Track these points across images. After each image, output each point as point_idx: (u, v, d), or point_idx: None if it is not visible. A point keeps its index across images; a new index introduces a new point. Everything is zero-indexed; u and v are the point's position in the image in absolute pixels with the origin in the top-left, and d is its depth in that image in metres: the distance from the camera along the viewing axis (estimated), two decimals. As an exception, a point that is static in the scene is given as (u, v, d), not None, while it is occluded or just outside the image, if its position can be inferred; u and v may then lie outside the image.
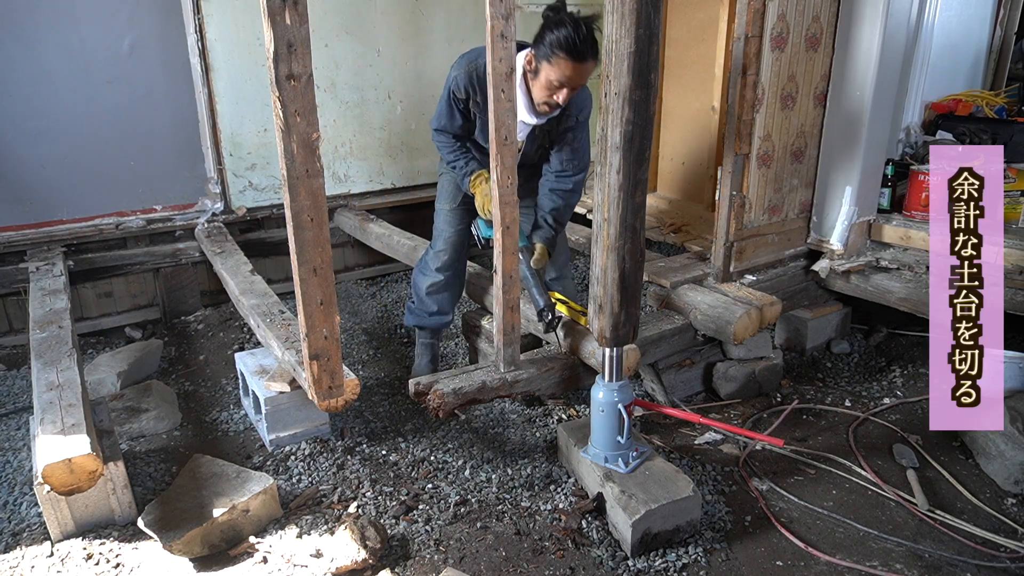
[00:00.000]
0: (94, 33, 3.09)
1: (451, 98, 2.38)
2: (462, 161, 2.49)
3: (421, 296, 2.76)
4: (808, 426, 2.58)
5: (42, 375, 2.15)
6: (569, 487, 2.21)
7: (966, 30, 3.62)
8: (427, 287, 2.73)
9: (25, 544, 1.98)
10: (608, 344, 1.99)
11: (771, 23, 2.50)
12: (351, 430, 2.54)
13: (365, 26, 3.65)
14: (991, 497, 2.19)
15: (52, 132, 3.11)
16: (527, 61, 2.23)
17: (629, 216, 1.84)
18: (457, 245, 2.69)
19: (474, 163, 2.50)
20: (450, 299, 2.78)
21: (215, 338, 3.33)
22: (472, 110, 2.40)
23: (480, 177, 2.46)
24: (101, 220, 3.32)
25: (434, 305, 2.75)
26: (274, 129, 1.68)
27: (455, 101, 2.38)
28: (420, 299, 2.77)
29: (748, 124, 2.58)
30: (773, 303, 2.57)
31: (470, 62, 2.31)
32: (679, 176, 3.82)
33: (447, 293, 2.75)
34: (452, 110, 2.41)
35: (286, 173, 1.68)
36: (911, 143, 3.39)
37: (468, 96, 2.35)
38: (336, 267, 3.69)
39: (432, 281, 2.71)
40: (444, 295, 2.75)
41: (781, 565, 1.93)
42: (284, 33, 1.56)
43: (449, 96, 2.39)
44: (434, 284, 2.71)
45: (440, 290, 2.73)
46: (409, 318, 2.85)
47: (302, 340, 1.88)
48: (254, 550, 1.95)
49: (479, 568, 1.90)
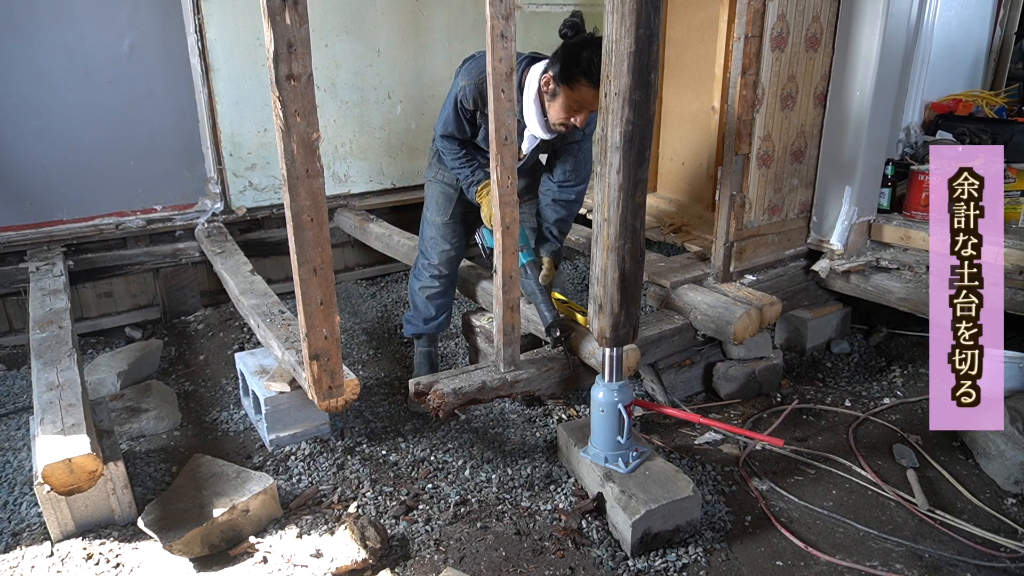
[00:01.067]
0: (94, 33, 3.09)
1: (459, 108, 2.34)
2: (468, 170, 2.45)
3: (418, 303, 2.76)
4: (808, 426, 2.58)
5: (42, 375, 2.15)
6: (569, 487, 2.21)
7: (966, 30, 3.62)
8: (425, 293, 2.73)
9: (25, 544, 1.98)
10: (608, 344, 1.99)
11: (771, 23, 2.49)
12: (351, 430, 2.54)
13: (365, 26, 3.65)
14: (991, 497, 2.19)
15: (52, 132, 3.11)
16: (544, 82, 2.21)
17: (629, 216, 1.84)
18: (455, 260, 2.68)
19: (481, 172, 2.45)
20: (447, 304, 2.79)
21: (215, 338, 3.33)
22: (479, 122, 2.38)
23: (487, 188, 2.41)
24: (101, 220, 3.32)
25: (432, 310, 2.75)
26: (274, 129, 1.68)
27: (462, 111, 2.35)
28: (417, 306, 2.77)
29: (748, 124, 2.58)
30: (773, 303, 2.57)
31: (480, 72, 2.23)
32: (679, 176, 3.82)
33: (444, 299, 2.76)
34: (459, 119, 2.37)
35: (286, 173, 1.68)
36: (911, 143, 3.39)
37: (476, 107, 2.32)
38: (336, 267, 3.70)
39: (428, 285, 2.71)
40: (441, 300, 2.76)
41: (781, 565, 1.93)
42: (284, 33, 1.56)
43: (456, 105, 2.35)
44: (431, 289, 2.71)
45: (437, 295, 2.73)
46: (408, 328, 2.85)
47: (302, 340, 1.88)
48: (254, 550, 1.95)
49: (479, 568, 1.90)
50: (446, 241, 2.63)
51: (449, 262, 2.66)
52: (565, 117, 2.22)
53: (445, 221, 2.62)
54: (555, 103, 2.22)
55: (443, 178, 2.62)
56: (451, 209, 2.61)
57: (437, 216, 2.64)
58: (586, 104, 2.17)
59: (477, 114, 2.35)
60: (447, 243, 2.63)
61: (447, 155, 2.48)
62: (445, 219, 2.62)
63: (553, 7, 4.10)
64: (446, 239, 2.63)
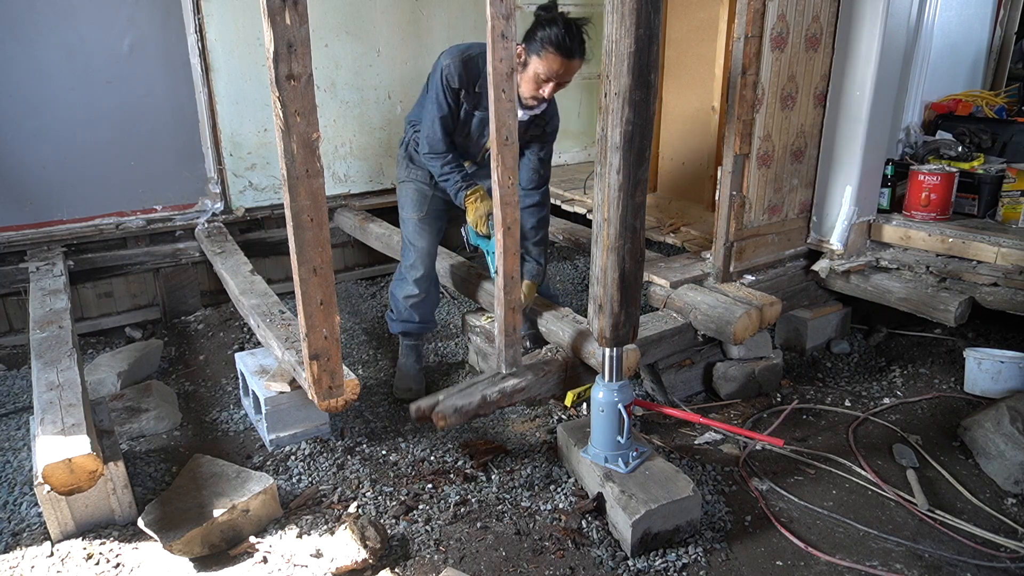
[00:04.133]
0: (94, 33, 3.09)
1: (444, 86, 2.40)
2: (456, 175, 2.51)
3: (401, 308, 2.79)
4: (808, 426, 2.58)
5: (42, 375, 2.15)
6: (569, 487, 2.21)
7: (966, 30, 3.62)
8: (407, 300, 2.75)
9: (25, 544, 1.97)
10: (608, 344, 1.99)
11: (771, 23, 2.50)
12: (351, 430, 2.54)
13: (365, 26, 3.65)
14: (991, 497, 2.19)
15: (52, 132, 3.11)
16: (516, 55, 2.26)
17: (629, 216, 1.84)
18: (431, 254, 2.73)
19: (468, 177, 2.53)
20: (430, 308, 2.82)
21: (215, 338, 3.33)
22: (463, 101, 2.45)
23: (476, 194, 2.49)
24: (101, 220, 3.32)
25: (416, 315, 2.79)
26: (274, 129, 1.68)
27: (447, 90, 2.42)
28: (401, 311, 2.80)
29: (748, 124, 2.58)
30: (773, 303, 2.57)
31: (460, 52, 2.40)
32: (679, 176, 3.82)
33: (426, 304, 2.79)
34: (446, 102, 2.43)
35: (286, 173, 1.68)
36: (911, 143, 3.39)
37: (461, 85, 2.41)
38: (336, 267, 3.69)
39: (410, 293, 2.74)
40: (424, 306, 2.79)
41: (781, 565, 1.93)
42: (284, 33, 1.56)
43: (442, 83, 2.40)
44: (413, 297, 2.74)
45: (420, 303, 2.76)
46: (394, 326, 2.86)
47: (302, 340, 1.88)
48: (254, 550, 1.95)
49: (479, 568, 1.90)
50: (421, 238, 2.69)
51: (424, 256, 2.70)
52: (535, 88, 2.33)
53: (422, 217, 2.70)
54: (525, 75, 2.32)
55: (416, 177, 2.72)
56: (426, 206, 2.70)
57: (413, 213, 2.71)
58: (554, 75, 2.27)
59: (462, 92, 2.43)
60: (422, 239, 2.69)
61: (433, 168, 2.55)
62: (421, 215, 2.70)
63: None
64: (421, 235, 2.69)
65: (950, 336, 3.16)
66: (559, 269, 4.27)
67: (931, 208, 2.89)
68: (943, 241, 2.79)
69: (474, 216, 2.49)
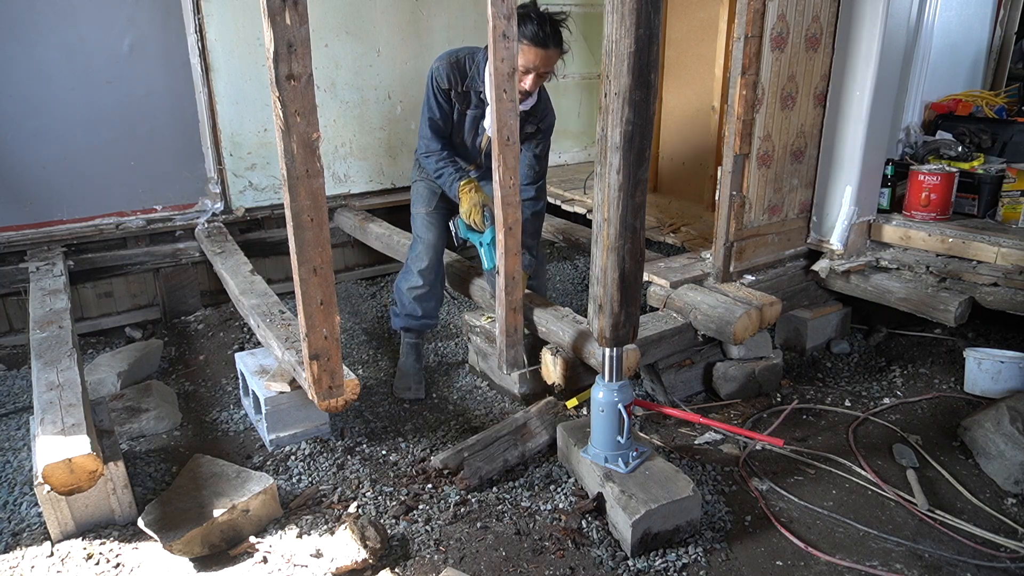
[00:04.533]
0: (94, 33, 3.09)
1: (435, 88, 2.56)
2: (450, 168, 2.65)
3: (405, 302, 2.80)
4: (808, 426, 2.58)
5: (42, 375, 2.15)
6: (569, 487, 2.21)
7: (966, 30, 3.62)
8: (411, 292, 2.77)
9: (25, 544, 1.97)
10: (608, 344, 1.99)
11: (771, 23, 2.50)
12: (351, 430, 2.54)
13: (365, 26, 3.65)
14: (991, 497, 2.19)
15: (52, 132, 3.11)
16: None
17: (629, 216, 1.84)
18: (437, 248, 2.77)
19: (461, 170, 2.65)
20: (434, 304, 2.83)
21: (215, 338, 3.33)
22: (454, 101, 2.57)
23: (469, 185, 2.59)
24: (101, 220, 3.32)
25: (419, 310, 2.80)
26: (274, 129, 1.68)
27: (438, 92, 2.56)
28: (404, 304, 2.81)
29: (748, 124, 2.58)
30: (773, 303, 2.57)
31: (451, 54, 2.56)
32: (679, 176, 3.83)
33: (430, 299, 2.80)
34: (436, 104, 2.58)
35: (286, 173, 1.68)
36: (911, 143, 3.39)
37: (451, 85, 2.53)
38: (336, 267, 3.70)
39: (415, 284, 2.76)
40: (427, 301, 2.80)
41: (781, 565, 1.93)
42: (284, 33, 1.56)
43: (433, 88, 2.56)
44: (417, 288, 2.76)
45: (424, 295, 2.77)
46: (396, 321, 2.88)
47: (302, 340, 1.88)
48: (254, 550, 1.95)
49: (479, 568, 1.90)
50: (428, 231, 2.77)
51: (431, 249, 2.75)
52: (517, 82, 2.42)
53: (430, 211, 2.80)
54: None
55: (427, 176, 2.87)
56: (435, 202, 2.82)
57: (422, 208, 2.82)
58: (531, 66, 2.40)
59: (452, 92, 2.55)
60: (429, 232, 2.77)
61: (429, 167, 2.70)
62: (430, 209, 2.81)
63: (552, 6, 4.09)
64: (428, 229, 2.78)
65: (950, 336, 3.16)
66: (559, 269, 4.27)
67: (931, 208, 2.89)
68: (943, 241, 2.79)
69: (468, 205, 2.56)
